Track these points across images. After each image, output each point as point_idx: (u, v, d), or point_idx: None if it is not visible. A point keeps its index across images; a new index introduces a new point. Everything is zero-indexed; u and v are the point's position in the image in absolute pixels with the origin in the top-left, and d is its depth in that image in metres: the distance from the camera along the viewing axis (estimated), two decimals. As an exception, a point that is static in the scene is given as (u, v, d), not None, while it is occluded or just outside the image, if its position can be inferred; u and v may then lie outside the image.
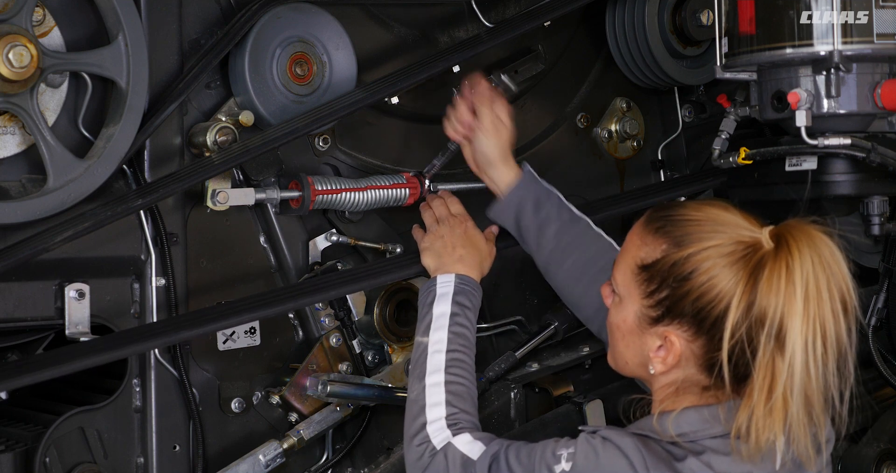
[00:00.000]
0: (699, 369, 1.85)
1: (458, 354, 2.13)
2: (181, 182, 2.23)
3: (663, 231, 1.86)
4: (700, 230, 1.83)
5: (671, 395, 1.88)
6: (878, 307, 2.90)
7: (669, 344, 1.85)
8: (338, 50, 2.50)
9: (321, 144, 2.57)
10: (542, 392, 2.71)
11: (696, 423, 1.82)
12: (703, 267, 1.80)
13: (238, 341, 2.46)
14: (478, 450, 1.96)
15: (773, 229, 1.83)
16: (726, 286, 1.78)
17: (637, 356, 1.92)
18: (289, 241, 2.52)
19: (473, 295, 2.24)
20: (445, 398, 2.06)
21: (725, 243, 1.80)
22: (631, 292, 1.90)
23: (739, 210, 1.88)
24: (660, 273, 1.84)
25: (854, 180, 2.48)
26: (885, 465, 2.95)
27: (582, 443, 1.83)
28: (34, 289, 2.19)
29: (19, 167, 2.18)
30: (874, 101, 2.43)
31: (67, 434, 2.25)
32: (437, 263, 2.30)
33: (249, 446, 2.44)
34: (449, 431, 2.02)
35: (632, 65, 2.95)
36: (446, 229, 2.35)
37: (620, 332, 1.93)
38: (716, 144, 2.68)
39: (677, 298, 1.82)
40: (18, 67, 2.02)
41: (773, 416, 1.73)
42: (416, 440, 2.04)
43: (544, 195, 2.37)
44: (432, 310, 2.20)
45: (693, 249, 1.81)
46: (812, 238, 1.78)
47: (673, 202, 1.95)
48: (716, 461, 1.79)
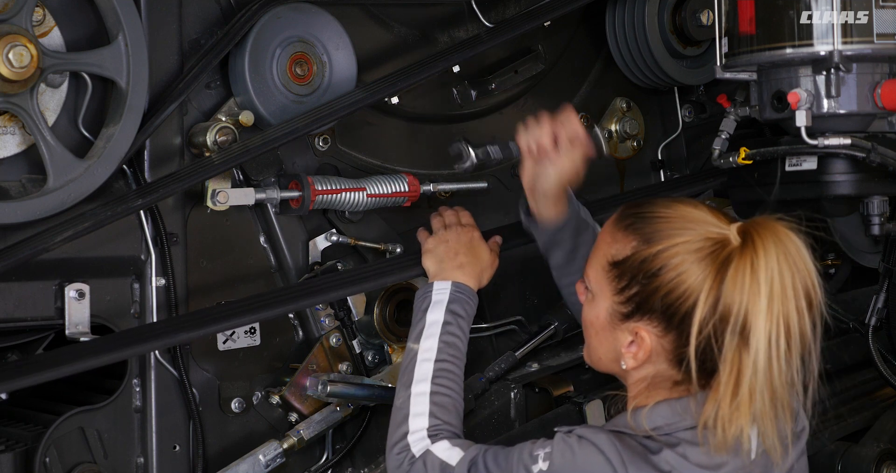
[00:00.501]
0: (670, 364, 1.87)
1: (447, 364, 2.14)
2: (181, 182, 2.23)
3: (633, 228, 1.89)
4: (669, 227, 1.85)
5: (644, 390, 1.91)
6: (878, 307, 2.90)
7: (640, 340, 1.87)
8: (338, 50, 2.50)
9: (321, 144, 2.57)
10: (542, 392, 2.71)
11: (668, 416, 1.84)
12: (672, 263, 1.81)
13: (238, 341, 2.46)
14: (456, 456, 1.98)
15: (740, 225, 1.84)
16: (694, 282, 1.80)
17: (610, 352, 1.94)
18: (289, 241, 2.52)
19: (468, 304, 2.24)
20: (429, 410, 2.07)
21: (694, 239, 1.82)
22: (602, 289, 1.92)
23: (709, 207, 1.90)
24: (630, 270, 1.86)
25: (854, 180, 2.48)
26: (885, 465, 2.95)
27: (558, 443, 1.85)
28: (34, 289, 2.19)
29: (19, 167, 2.18)
30: (874, 101, 2.44)
31: (67, 434, 2.25)
32: (437, 267, 2.29)
33: (249, 446, 2.44)
34: (428, 440, 2.03)
35: (632, 65, 2.95)
36: (452, 234, 2.35)
37: (594, 328, 1.96)
38: (716, 144, 2.68)
39: (647, 294, 1.84)
40: (18, 67, 2.02)
41: (739, 410, 1.75)
42: (396, 449, 2.05)
43: (583, 225, 2.35)
44: (426, 317, 2.21)
45: (662, 245, 1.83)
46: (777, 234, 1.79)
47: (645, 199, 1.96)
48: (691, 452, 1.81)
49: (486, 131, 2.85)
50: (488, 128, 2.85)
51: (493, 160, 2.44)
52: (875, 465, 2.94)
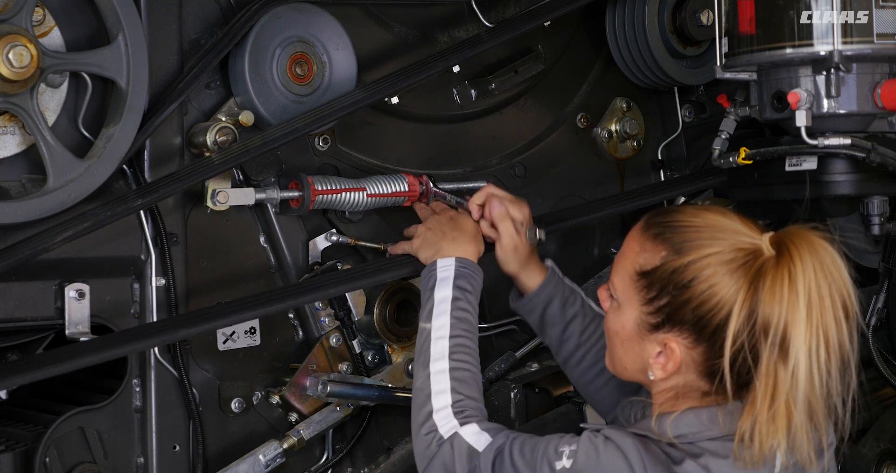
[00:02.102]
0: (699, 375, 1.85)
1: (462, 339, 2.13)
2: (181, 182, 2.23)
3: (662, 238, 1.86)
4: (699, 237, 1.83)
5: (671, 399, 1.89)
6: (878, 307, 2.91)
7: (669, 351, 1.85)
8: (338, 50, 2.50)
9: (321, 144, 2.57)
10: (542, 392, 2.71)
11: (694, 425, 1.83)
12: (704, 275, 1.80)
13: (238, 341, 2.46)
14: (484, 442, 1.97)
15: (773, 235, 1.83)
16: (727, 294, 1.78)
17: (636, 362, 1.92)
18: (289, 241, 2.52)
19: (474, 278, 2.24)
20: (451, 386, 2.06)
21: (725, 250, 1.80)
22: (630, 299, 1.90)
23: (738, 215, 1.88)
24: (659, 281, 1.84)
25: (854, 180, 2.48)
26: (885, 465, 2.95)
27: (584, 441, 1.84)
28: (34, 289, 2.19)
29: (19, 167, 2.18)
30: (874, 101, 2.43)
31: (67, 434, 2.25)
32: (433, 250, 2.29)
33: (249, 446, 2.44)
34: (456, 420, 2.02)
35: (632, 65, 2.95)
36: (432, 222, 2.37)
37: (619, 338, 1.94)
38: (716, 144, 2.68)
39: (677, 305, 1.82)
40: (18, 67, 2.02)
41: (776, 423, 1.73)
42: (424, 429, 2.04)
43: (569, 293, 2.36)
44: (434, 295, 2.20)
45: (693, 256, 1.81)
46: (813, 245, 1.78)
47: (671, 207, 1.95)
48: (713, 464, 1.79)
49: (486, 131, 2.85)
50: (488, 128, 2.85)
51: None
52: (875, 465, 2.94)
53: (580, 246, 2.96)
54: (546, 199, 2.90)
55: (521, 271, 2.36)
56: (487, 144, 2.85)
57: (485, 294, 2.33)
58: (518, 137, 2.91)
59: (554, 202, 2.92)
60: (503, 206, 2.34)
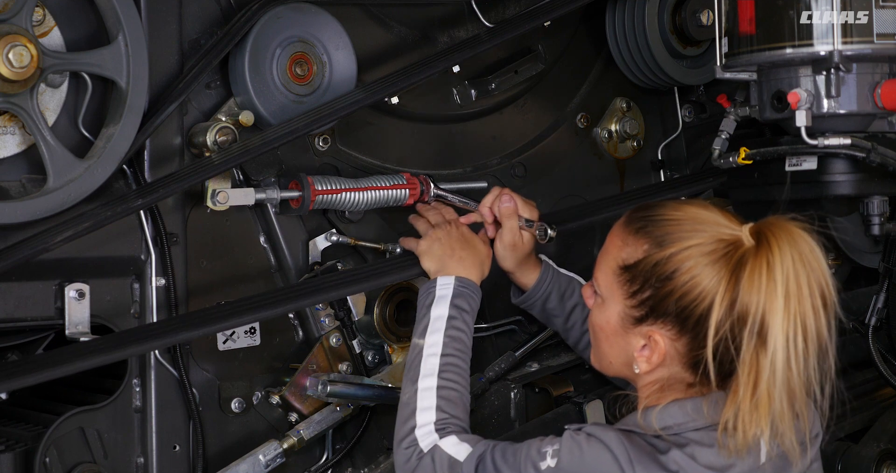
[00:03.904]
0: (684, 367, 1.87)
1: (453, 358, 2.15)
2: (181, 182, 2.23)
3: (644, 231, 1.88)
4: (680, 230, 1.85)
5: (656, 392, 1.91)
6: (878, 307, 2.90)
7: (654, 343, 1.87)
8: (338, 50, 2.50)
9: (321, 144, 2.57)
10: (542, 392, 2.71)
11: (679, 416, 1.85)
12: (685, 266, 1.81)
13: (238, 341, 2.46)
14: (464, 451, 1.98)
15: (752, 226, 1.85)
16: (709, 285, 1.80)
17: (621, 356, 1.94)
18: (289, 241, 2.52)
19: (472, 299, 2.25)
20: (436, 403, 2.08)
21: (706, 241, 1.82)
22: (613, 293, 1.92)
23: (718, 208, 1.91)
24: (642, 274, 1.86)
25: (854, 180, 2.48)
26: (885, 465, 2.95)
27: (566, 440, 1.86)
28: (34, 289, 2.19)
29: (19, 167, 2.18)
30: (874, 101, 2.43)
31: (67, 434, 2.25)
32: (438, 265, 2.30)
33: (249, 446, 2.44)
34: (436, 434, 2.03)
35: (632, 65, 2.95)
36: (443, 232, 2.35)
37: (604, 333, 1.96)
38: (716, 144, 2.68)
39: (660, 297, 1.84)
40: (18, 67, 2.02)
41: (758, 411, 1.75)
42: (405, 443, 2.05)
43: (566, 284, 2.41)
44: (430, 312, 2.21)
45: (674, 248, 1.83)
46: (791, 235, 1.79)
47: (653, 202, 1.96)
48: (699, 452, 1.81)
49: (486, 131, 2.85)
50: (488, 128, 2.86)
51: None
52: (875, 465, 2.94)
53: (580, 246, 2.96)
54: (546, 199, 2.90)
55: (518, 269, 2.40)
56: (487, 144, 2.85)
57: (485, 294, 2.33)
58: (518, 138, 2.91)
59: (554, 202, 2.92)
60: (513, 202, 2.37)
